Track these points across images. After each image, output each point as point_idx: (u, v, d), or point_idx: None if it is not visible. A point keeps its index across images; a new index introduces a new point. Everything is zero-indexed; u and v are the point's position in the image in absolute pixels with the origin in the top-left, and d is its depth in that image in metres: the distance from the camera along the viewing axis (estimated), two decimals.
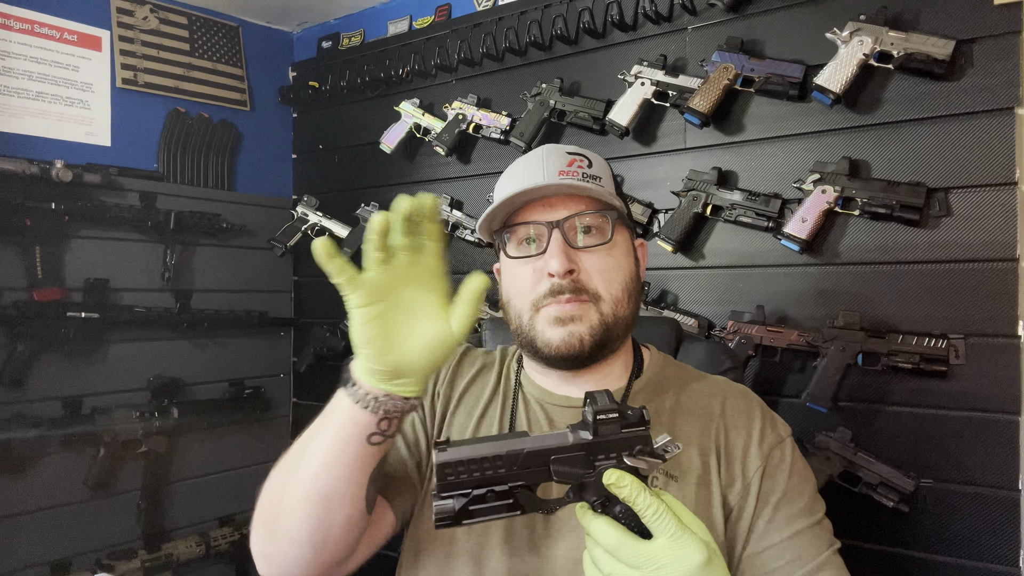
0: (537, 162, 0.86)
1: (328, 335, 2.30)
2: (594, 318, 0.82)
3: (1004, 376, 1.32)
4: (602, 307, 0.83)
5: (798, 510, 0.79)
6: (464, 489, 0.60)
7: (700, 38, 1.68)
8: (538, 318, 0.84)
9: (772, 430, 0.85)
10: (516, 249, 0.86)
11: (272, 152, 2.49)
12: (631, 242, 0.90)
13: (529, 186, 0.82)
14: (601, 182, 0.85)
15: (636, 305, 0.88)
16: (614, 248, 0.85)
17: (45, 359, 1.86)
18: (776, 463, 0.82)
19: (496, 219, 0.88)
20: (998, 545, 1.32)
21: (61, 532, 1.87)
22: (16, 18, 1.88)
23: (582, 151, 0.88)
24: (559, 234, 0.82)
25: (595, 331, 0.82)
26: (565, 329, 0.82)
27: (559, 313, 0.82)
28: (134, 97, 2.11)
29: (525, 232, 0.86)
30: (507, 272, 0.89)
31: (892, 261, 1.44)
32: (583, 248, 0.83)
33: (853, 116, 1.48)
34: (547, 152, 0.87)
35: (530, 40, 1.90)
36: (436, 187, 2.13)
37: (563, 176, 0.83)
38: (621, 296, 0.84)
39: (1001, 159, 1.34)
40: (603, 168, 0.88)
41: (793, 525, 0.78)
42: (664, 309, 1.66)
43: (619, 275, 0.84)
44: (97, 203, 1.93)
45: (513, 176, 0.88)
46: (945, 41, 1.35)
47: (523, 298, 0.85)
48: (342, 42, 2.38)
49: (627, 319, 0.86)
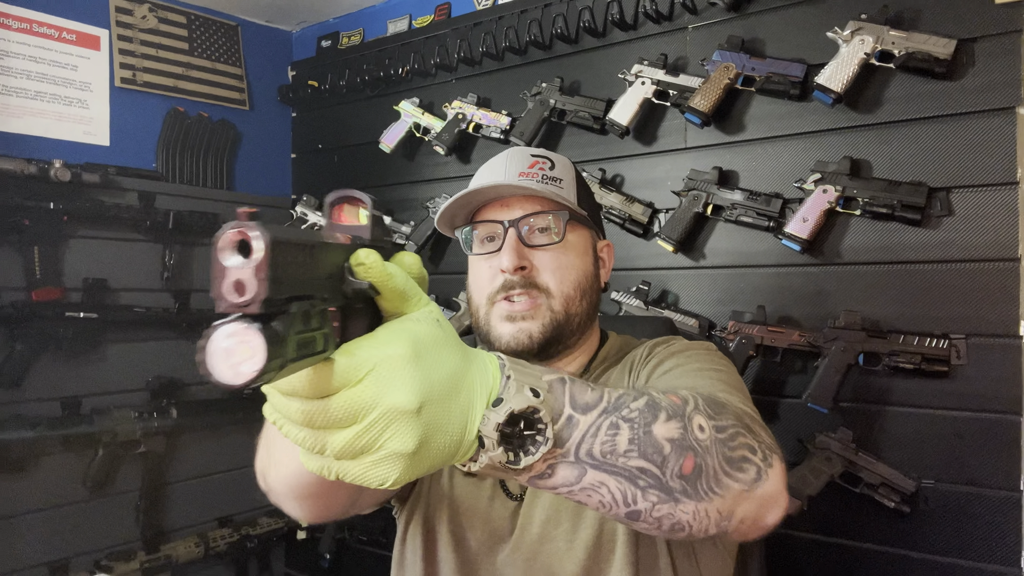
0: (501, 163, 0.91)
1: None
2: (545, 316, 0.86)
3: (1005, 376, 1.32)
4: (553, 304, 0.87)
5: (694, 368, 0.80)
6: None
7: (701, 37, 1.68)
8: (492, 313, 0.88)
9: (673, 340, 0.90)
10: (478, 246, 0.91)
11: (271, 152, 2.48)
12: (590, 243, 0.94)
13: (484, 185, 0.86)
14: (561, 183, 0.90)
15: (591, 303, 0.92)
16: (567, 247, 0.89)
17: (44, 359, 1.86)
18: (669, 346, 0.88)
19: (459, 217, 0.92)
20: (999, 546, 1.32)
21: (60, 533, 1.87)
22: (15, 17, 1.88)
23: (547, 154, 0.92)
24: (513, 232, 0.86)
25: (545, 328, 0.86)
26: (515, 326, 0.86)
27: (510, 311, 0.86)
28: (133, 96, 2.11)
29: (485, 230, 0.90)
30: (470, 268, 0.93)
31: (893, 261, 1.44)
32: (536, 246, 0.87)
33: (854, 115, 1.48)
34: (511, 154, 0.92)
35: (530, 39, 1.89)
36: (436, 187, 2.12)
37: (523, 177, 0.88)
38: (573, 294, 0.88)
39: (1002, 159, 1.33)
40: (566, 170, 0.92)
41: (685, 367, 0.80)
42: (664, 309, 1.65)
43: (571, 273, 0.88)
44: (96, 203, 1.92)
45: (479, 176, 0.93)
46: (946, 40, 1.35)
47: (481, 292, 0.90)
48: (341, 41, 2.38)
49: (580, 316, 0.89)
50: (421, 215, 2.10)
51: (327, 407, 0.40)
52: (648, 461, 0.54)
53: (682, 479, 0.55)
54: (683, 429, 0.56)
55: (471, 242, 0.91)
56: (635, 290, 1.67)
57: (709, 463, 0.57)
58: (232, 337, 0.35)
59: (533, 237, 0.87)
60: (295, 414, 0.41)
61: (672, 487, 0.55)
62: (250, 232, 0.34)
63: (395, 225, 2.14)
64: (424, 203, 2.10)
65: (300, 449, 0.43)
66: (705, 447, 0.57)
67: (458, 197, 0.87)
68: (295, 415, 0.41)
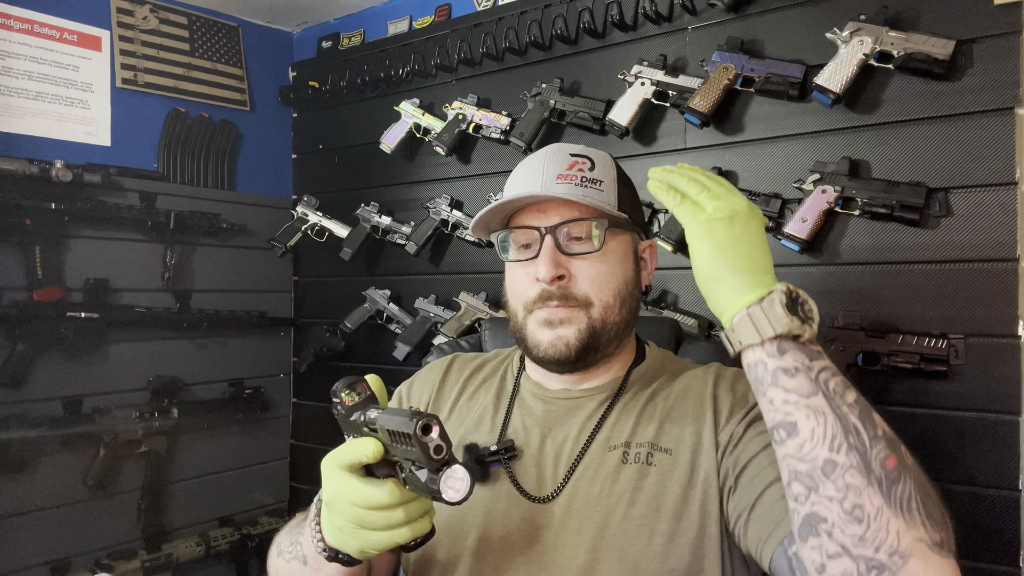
0: (538, 164, 0.88)
1: (328, 335, 2.30)
2: (582, 322, 0.84)
3: (1004, 376, 1.32)
4: (591, 312, 0.84)
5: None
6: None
7: (700, 38, 1.68)
8: (530, 319, 0.86)
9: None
10: (515, 252, 0.88)
11: (272, 152, 2.49)
12: (632, 247, 0.91)
13: (521, 194, 0.84)
14: (601, 185, 0.86)
15: (631, 310, 0.89)
16: (606, 254, 0.86)
17: (45, 359, 1.86)
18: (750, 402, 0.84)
19: (494, 220, 0.89)
20: (998, 545, 1.32)
21: (61, 532, 1.87)
22: (16, 18, 1.88)
23: (587, 152, 0.89)
24: (550, 240, 0.84)
25: (582, 335, 0.84)
26: (553, 332, 0.84)
27: (548, 316, 0.84)
28: (134, 97, 2.11)
29: (522, 236, 0.88)
30: (507, 273, 0.91)
31: (892, 261, 1.44)
32: (574, 255, 0.85)
33: (853, 116, 1.48)
34: (549, 153, 0.88)
35: (530, 40, 1.89)
36: (436, 187, 2.13)
37: (560, 180, 0.85)
38: (612, 302, 0.86)
39: (1001, 159, 1.33)
40: (606, 170, 0.89)
41: (764, 439, 0.78)
42: (664, 309, 1.66)
43: (611, 282, 0.86)
44: (97, 203, 1.93)
45: (516, 176, 0.90)
46: (945, 41, 1.35)
47: (518, 299, 0.88)
48: (342, 42, 2.38)
49: (619, 324, 0.87)
50: (421, 215, 2.10)
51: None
52: (864, 426, 0.58)
53: (883, 468, 0.57)
54: (895, 437, 0.60)
55: (508, 247, 0.89)
56: None
57: (907, 482, 0.58)
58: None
59: (571, 245, 0.85)
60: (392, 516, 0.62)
61: (872, 467, 0.57)
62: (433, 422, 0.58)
63: (395, 225, 2.14)
64: (424, 203, 2.10)
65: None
66: (908, 466, 0.59)
67: (491, 207, 0.85)
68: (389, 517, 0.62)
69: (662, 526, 0.77)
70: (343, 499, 0.63)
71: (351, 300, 2.25)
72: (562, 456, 0.85)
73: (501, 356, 1.03)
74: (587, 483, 0.82)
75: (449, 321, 2.00)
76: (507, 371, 0.99)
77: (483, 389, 0.97)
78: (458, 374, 1.00)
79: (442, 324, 2.02)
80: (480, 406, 0.95)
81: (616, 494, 0.80)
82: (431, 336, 2.06)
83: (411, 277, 2.19)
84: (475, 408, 0.95)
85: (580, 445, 0.85)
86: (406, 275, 2.20)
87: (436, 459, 0.56)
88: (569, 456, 0.85)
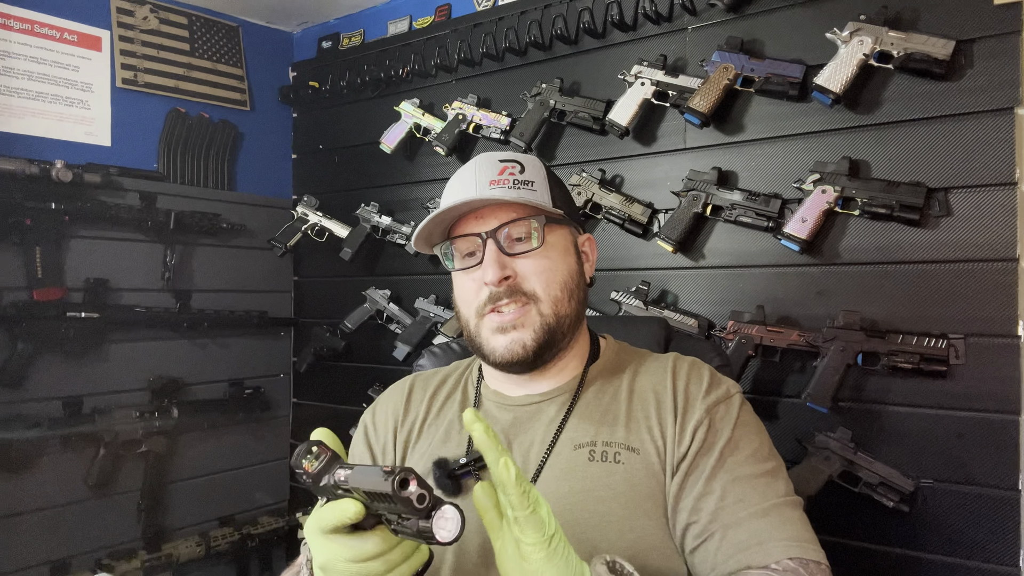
0: (470, 174, 0.89)
1: (328, 335, 2.30)
2: (535, 322, 0.86)
3: (1004, 376, 1.32)
4: (541, 308, 0.86)
5: (743, 458, 0.81)
6: None
7: (700, 38, 1.68)
8: (483, 326, 0.87)
9: (718, 387, 0.88)
10: (460, 261, 0.90)
11: (272, 152, 2.49)
12: (571, 240, 0.93)
13: (456, 202, 0.85)
14: (534, 186, 0.88)
15: (580, 301, 0.91)
16: (548, 249, 0.87)
17: (45, 359, 1.86)
18: (721, 415, 0.84)
19: (435, 233, 0.91)
20: (998, 545, 1.32)
21: (61, 532, 1.87)
22: (16, 18, 1.88)
23: (515, 157, 0.91)
24: (492, 243, 0.85)
25: (537, 335, 0.85)
26: (507, 337, 0.86)
27: (500, 322, 0.86)
28: (134, 97, 2.11)
29: (464, 245, 0.89)
30: (455, 283, 0.92)
31: (892, 261, 1.44)
32: (517, 254, 0.86)
33: (853, 116, 1.48)
34: (479, 162, 0.90)
35: (530, 40, 1.90)
36: (436, 187, 2.13)
37: (494, 185, 0.86)
38: (560, 295, 0.87)
39: (1001, 159, 1.33)
40: (536, 171, 0.91)
41: (736, 471, 0.80)
42: (664, 309, 1.66)
43: (556, 275, 0.87)
44: (97, 203, 1.93)
45: (450, 188, 0.92)
46: (945, 41, 1.35)
47: (468, 307, 0.89)
48: (342, 42, 2.39)
49: (570, 316, 0.89)
50: (421, 215, 2.10)
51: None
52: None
53: None
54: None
55: (452, 257, 0.90)
56: (635, 290, 1.68)
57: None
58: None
59: (512, 245, 0.86)
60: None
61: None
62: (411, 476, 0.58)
63: (395, 225, 2.14)
64: (424, 203, 2.10)
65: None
66: None
67: (431, 217, 0.86)
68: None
69: (631, 523, 0.79)
70: (338, 559, 0.63)
71: (351, 300, 2.25)
72: (529, 460, 0.87)
73: (460, 368, 1.04)
74: (555, 482, 0.83)
75: (449, 321, 2.00)
76: (467, 383, 1.00)
77: (448, 404, 0.99)
78: (421, 393, 1.01)
79: (442, 324, 2.02)
80: (446, 421, 0.96)
81: (584, 491, 0.82)
82: (431, 336, 2.07)
83: (411, 277, 2.19)
84: (442, 424, 0.96)
85: (545, 447, 0.87)
86: (406, 275, 2.20)
87: (421, 508, 0.57)
88: (536, 459, 0.86)
